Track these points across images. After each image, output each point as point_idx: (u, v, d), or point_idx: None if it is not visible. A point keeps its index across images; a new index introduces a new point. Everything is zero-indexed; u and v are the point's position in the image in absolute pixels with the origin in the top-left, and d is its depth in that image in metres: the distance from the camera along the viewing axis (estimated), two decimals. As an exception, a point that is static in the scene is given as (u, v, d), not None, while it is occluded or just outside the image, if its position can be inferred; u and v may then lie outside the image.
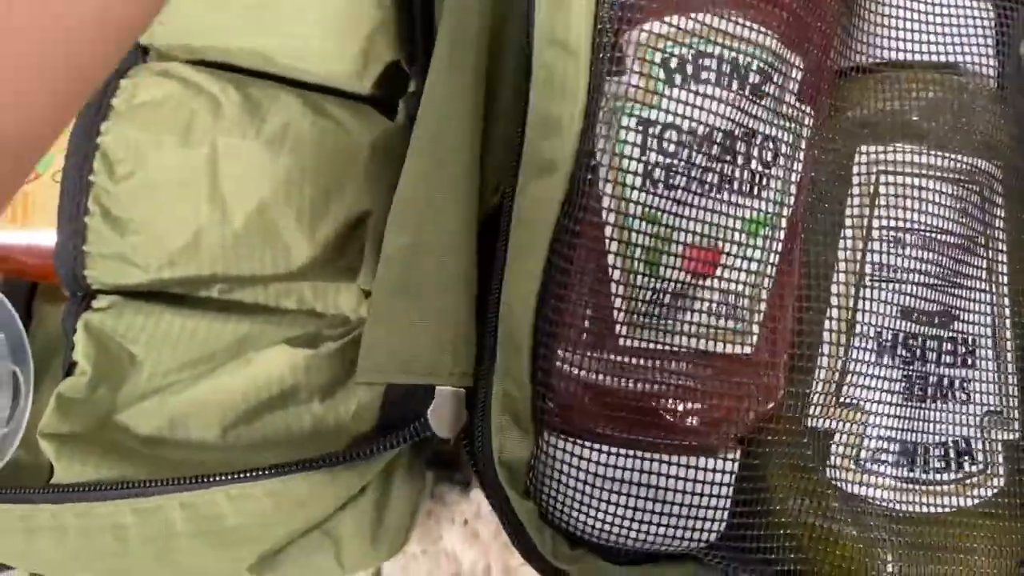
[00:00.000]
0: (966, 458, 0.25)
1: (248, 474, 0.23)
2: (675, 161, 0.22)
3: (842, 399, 0.25)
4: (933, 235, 0.25)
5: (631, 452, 0.22)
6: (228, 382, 0.25)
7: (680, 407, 0.22)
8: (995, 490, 0.26)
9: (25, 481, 0.25)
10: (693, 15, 0.21)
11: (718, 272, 0.22)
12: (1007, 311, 0.26)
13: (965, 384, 0.25)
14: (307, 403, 0.26)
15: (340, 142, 0.25)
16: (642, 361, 0.22)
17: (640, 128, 0.22)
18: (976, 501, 0.25)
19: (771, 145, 0.22)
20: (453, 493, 0.30)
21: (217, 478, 0.23)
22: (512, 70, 0.23)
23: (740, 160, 0.22)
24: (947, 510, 0.25)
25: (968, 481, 0.25)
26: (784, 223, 0.23)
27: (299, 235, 0.25)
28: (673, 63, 0.21)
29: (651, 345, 0.22)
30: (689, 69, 0.21)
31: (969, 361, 0.26)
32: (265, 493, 0.23)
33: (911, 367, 0.25)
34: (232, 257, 0.25)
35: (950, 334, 0.25)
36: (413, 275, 0.23)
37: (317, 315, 0.28)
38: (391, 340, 0.23)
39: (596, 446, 0.23)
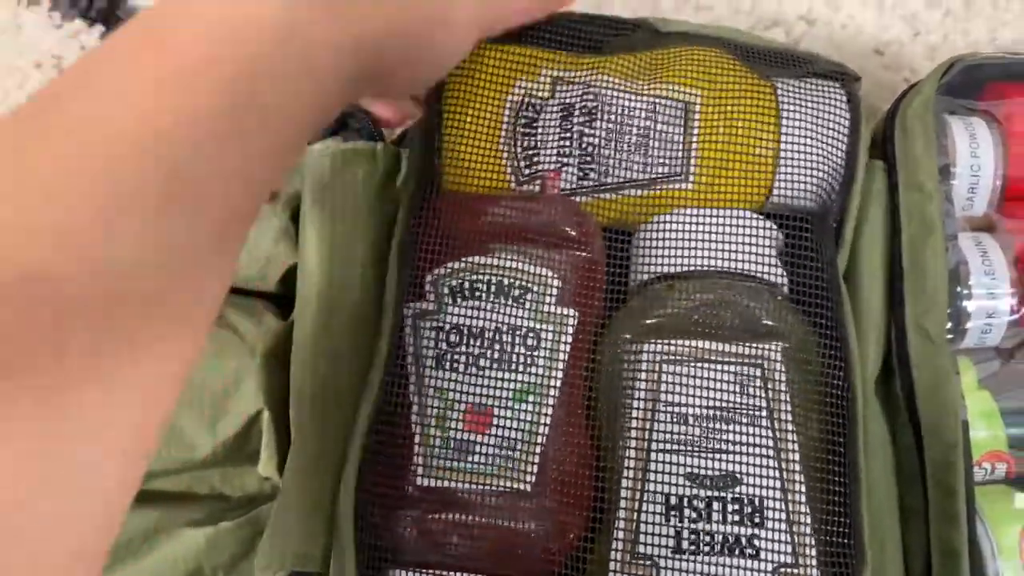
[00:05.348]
0: (758, 608, 0.28)
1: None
2: (457, 350, 0.30)
3: (637, 554, 0.29)
4: (714, 411, 0.30)
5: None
6: (141, 568, 0.30)
7: (481, 533, 0.28)
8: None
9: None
10: (466, 259, 0.30)
11: (492, 428, 0.29)
12: (798, 475, 0.30)
13: (754, 540, 0.29)
14: (213, 578, 0.30)
15: (237, 349, 0.32)
16: (438, 496, 0.29)
17: (433, 330, 0.30)
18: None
19: (533, 335, 0.30)
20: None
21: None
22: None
23: (507, 345, 0.30)
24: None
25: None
26: (553, 390, 0.30)
27: (201, 432, 0.31)
28: (455, 288, 0.29)
29: (444, 483, 0.29)
30: (466, 292, 0.29)
31: (756, 519, 0.29)
32: None
33: (697, 525, 0.29)
34: None
35: (734, 495, 0.29)
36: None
37: (225, 498, 0.32)
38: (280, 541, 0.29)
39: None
